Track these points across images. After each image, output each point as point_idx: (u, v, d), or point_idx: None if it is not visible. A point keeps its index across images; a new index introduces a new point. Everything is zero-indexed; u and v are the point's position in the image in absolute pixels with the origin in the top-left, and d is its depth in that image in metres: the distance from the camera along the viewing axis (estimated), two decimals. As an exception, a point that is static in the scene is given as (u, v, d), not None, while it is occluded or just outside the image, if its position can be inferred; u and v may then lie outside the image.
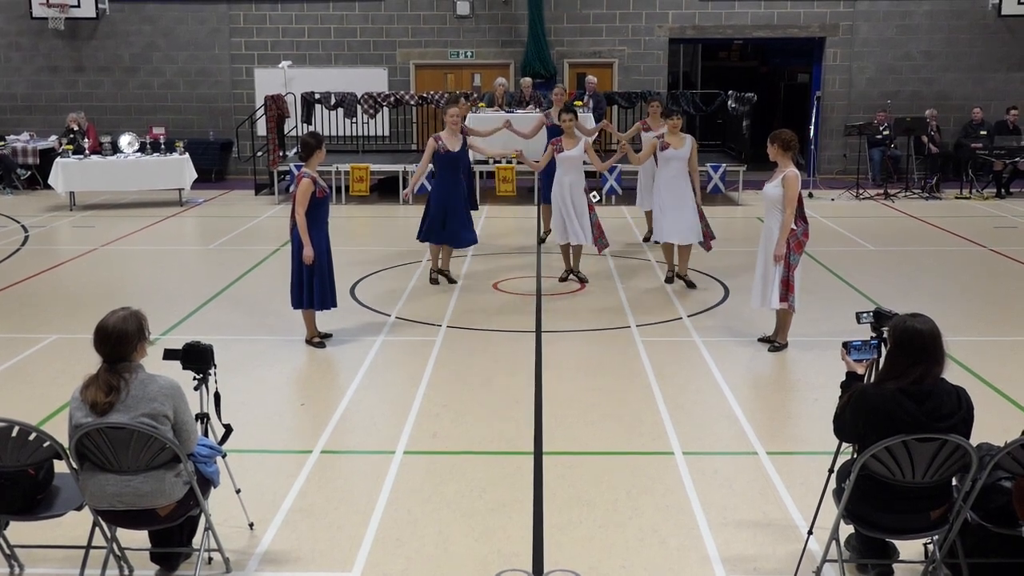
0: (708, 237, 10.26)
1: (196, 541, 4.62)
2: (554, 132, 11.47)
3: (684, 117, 10.12)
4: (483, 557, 4.80)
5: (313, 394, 7.37)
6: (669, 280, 10.52)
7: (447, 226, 10.33)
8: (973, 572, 4.29)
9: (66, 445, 4.18)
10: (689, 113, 19.00)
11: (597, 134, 14.20)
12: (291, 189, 8.40)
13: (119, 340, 4.14)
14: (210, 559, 4.64)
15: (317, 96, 18.05)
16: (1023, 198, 16.98)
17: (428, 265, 10.86)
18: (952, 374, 4.20)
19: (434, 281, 10.52)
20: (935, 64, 19.45)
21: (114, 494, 4.13)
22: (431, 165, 10.47)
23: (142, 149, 16.73)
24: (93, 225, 14.74)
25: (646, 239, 12.59)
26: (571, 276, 10.60)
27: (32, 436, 4.11)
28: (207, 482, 4.48)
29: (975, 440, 4.11)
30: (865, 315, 4.92)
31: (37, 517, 4.43)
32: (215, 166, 19.66)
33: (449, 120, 10.28)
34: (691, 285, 10.27)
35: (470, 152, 10.80)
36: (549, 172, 10.63)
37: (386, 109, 18.37)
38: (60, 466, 4.32)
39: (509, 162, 15.55)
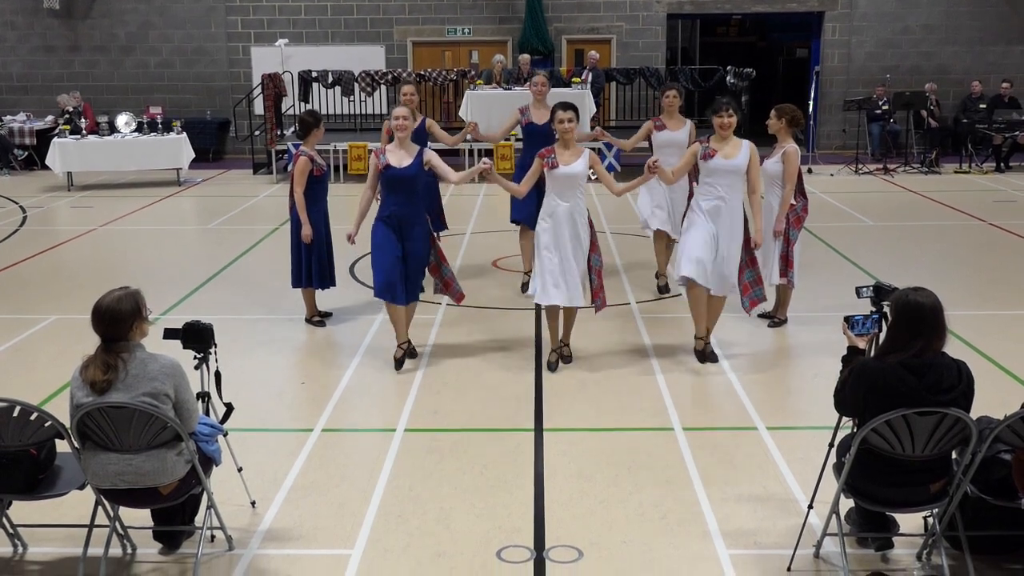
0: (749, 290, 7.22)
1: (198, 519, 4.64)
2: (534, 138, 8.61)
3: (738, 114, 6.92)
4: (485, 533, 4.82)
5: (313, 372, 7.37)
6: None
7: (411, 273, 7.11)
8: (973, 544, 4.30)
9: (67, 425, 4.18)
10: (688, 89, 18.96)
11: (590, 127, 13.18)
12: (289, 168, 8.37)
13: (113, 320, 4.13)
14: (212, 537, 4.67)
15: (314, 74, 17.99)
16: (1022, 172, 16.94)
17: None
18: (952, 348, 4.20)
19: (401, 362, 7.24)
20: (934, 38, 19.34)
21: (116, 473, 4.14)
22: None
23: (139, 129, 16.71)
24: (91, 205, 14.71)
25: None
26: (559, 355, 7.28)
27: (33, 416, 4.12)
28: (209, 461, 4.49)
29: (975, 413, 4.11)
30: (865, 289, 4.92)
31: (39, 497, 4.44)
32: (213, 145, 19.60)
33: (396, 124, 7.00)
34: (711, 358, 7.31)
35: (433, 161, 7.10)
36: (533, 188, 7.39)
37: (384, 87, 18.31)
38: (62, 446, 4.33)
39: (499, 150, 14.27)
